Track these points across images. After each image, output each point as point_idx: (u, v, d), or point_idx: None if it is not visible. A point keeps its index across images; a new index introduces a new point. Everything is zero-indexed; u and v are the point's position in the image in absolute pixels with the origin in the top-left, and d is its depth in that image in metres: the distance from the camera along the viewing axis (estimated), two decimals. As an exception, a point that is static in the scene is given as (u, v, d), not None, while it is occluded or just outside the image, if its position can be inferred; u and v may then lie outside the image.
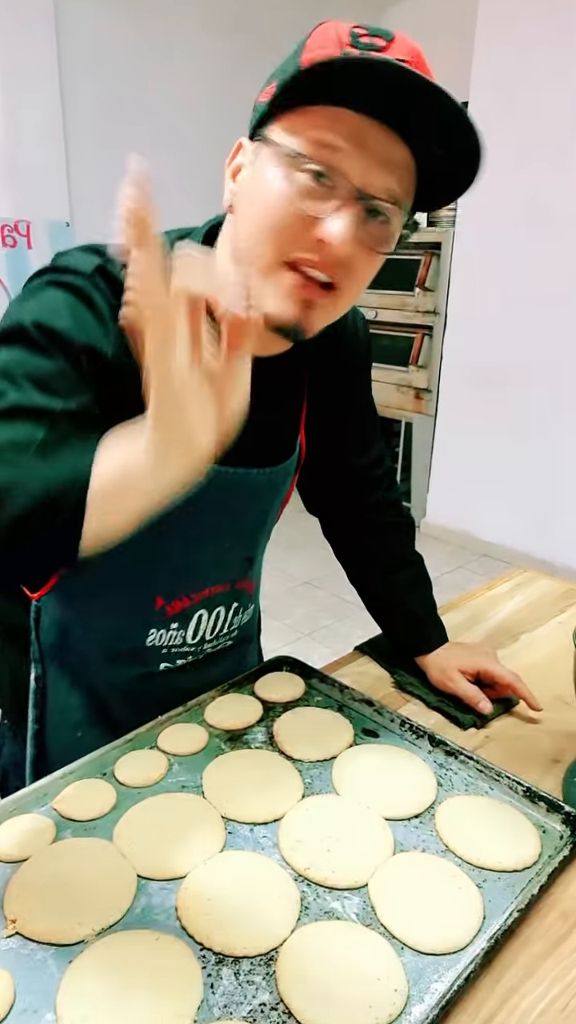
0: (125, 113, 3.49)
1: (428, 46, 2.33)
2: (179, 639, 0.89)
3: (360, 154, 0.62)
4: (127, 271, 0.58)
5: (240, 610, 0.94)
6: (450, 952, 0.59)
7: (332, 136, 0.61)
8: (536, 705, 0.93)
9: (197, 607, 0.88)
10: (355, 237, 0.64)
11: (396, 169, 0.63)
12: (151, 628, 0.86)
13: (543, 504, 3.42)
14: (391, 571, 1.04)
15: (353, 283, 0.68)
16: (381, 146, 0.62)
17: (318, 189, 0.63)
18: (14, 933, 0.59)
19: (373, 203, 0.64)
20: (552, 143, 3.07)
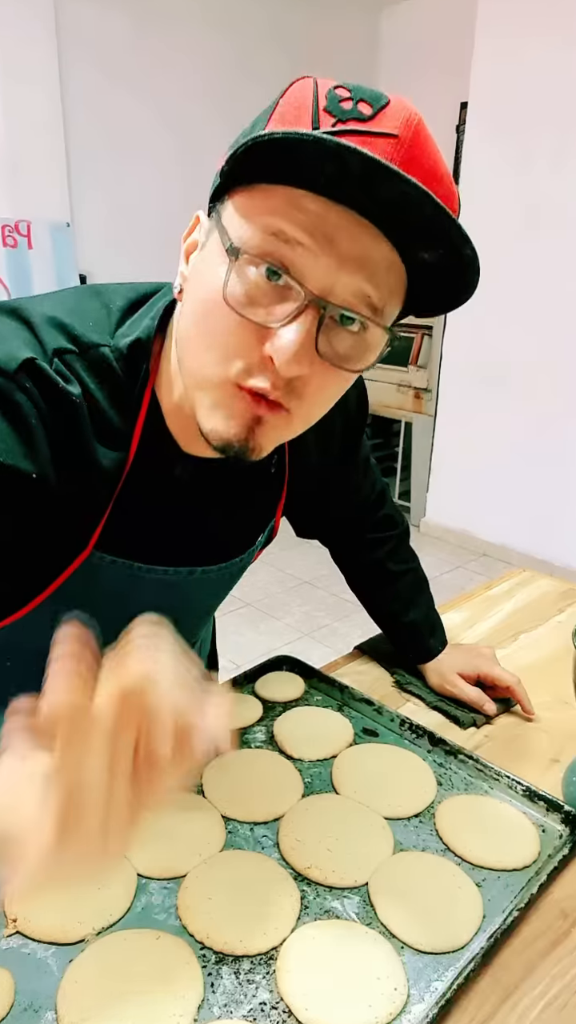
0: (125, 113, 3.49)
1: (428, 46, 2.36)
2: None
3: (323, 251, 0.50)
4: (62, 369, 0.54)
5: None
6: (450, 951, 0.59)
7: (289, 226, 0.50)
8: (531, 711, 0.93)
9: None
10: (309, 355, 0.51)
11: (372, 268, 0.51)
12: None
13: (543, 504, 3.42)
14: (387, 584, 1.02)
15: (309, 405, 0.56)
16: (351, 240, 0.50)
17: (271, 289, 0.51)
18: (14, 932, 0.59)
19: (342, 307, 0.51)
20: (552, 143, 3.07)
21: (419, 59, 3.95)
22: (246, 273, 0.51)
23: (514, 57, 3.13)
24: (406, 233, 0.50)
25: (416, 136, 0.49)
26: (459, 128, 3.79)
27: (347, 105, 0.49)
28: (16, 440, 0.54)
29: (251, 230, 0.51)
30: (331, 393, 0.58)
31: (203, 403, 0.55)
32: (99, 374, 0.58)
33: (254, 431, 0.55)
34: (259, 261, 0.51)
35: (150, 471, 0.63)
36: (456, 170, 3.60)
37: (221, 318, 0.52)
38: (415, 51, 3.99)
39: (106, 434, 0.59)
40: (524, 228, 3.23)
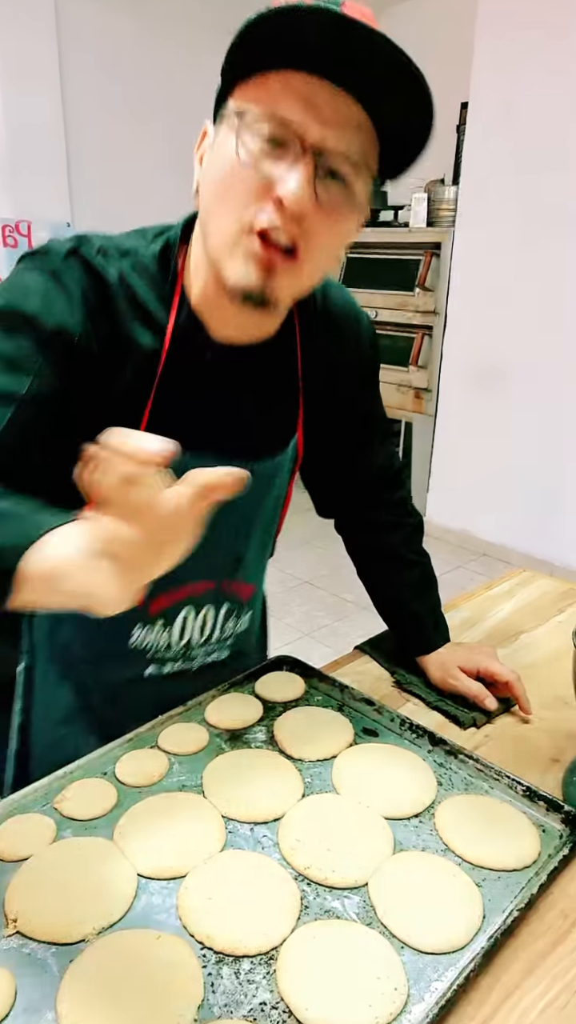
0: (126, 113, 3.50)
1: (428, 46, 2.34)
2: (164, 641, 0.87)
3: (313, 116, 0.61)
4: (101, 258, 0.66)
5: (231, 615, 0.92)
6: (450, 951, 0.59)
7: (284, 106, 0.61)
8: (528, 709, 0.93)
9: (182, 605, 0.86)
10: (312, 195, 0.62)
11: (351, 129, 0.62)
12: (135, 625, 0.84)
13: (543, 504, 3.42)
14: (398, 570, 1.04)
15: (314, 249, 0.66)
16: (333, 107, 0.61)
17: (273, 151, 0.62)
18: (14, 932, 0.59)
19: (330, 161, 0.62)
20: (552, 143, 3.07)
21: (419, 59, 3.93)
22: (250, 142, 0.62)
23: (514, 57, 3.13)
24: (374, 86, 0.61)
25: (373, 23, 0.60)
26: (459, 128, 3.79)
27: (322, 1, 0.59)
28: (63, 305, 0.66)
29: (254, 111, 0.62)
30: (331, 238, 0.67)
31: (225, 256, 0.66)
32: (136, 269, 0.71)
33: (270, 278, 0.65)
34: (262, 128, 0.62)
35: (185, 358, 0.73)
36: (456, 170, 3.61)
37: (236, 178, 0.63)
38: (415, 51, 3.92)
39: (143, 319, 0.71)
40: (524, 228, 3.23)
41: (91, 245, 0.70)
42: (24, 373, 0.64)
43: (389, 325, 3.80)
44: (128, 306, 0.70)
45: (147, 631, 0.85)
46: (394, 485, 1.05)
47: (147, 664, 0.88)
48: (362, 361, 0.93)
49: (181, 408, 0.74)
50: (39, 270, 0.68)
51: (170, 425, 0.68)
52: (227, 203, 0.65)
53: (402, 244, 3.73)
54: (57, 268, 0.67)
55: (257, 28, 0.59)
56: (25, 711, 0.89)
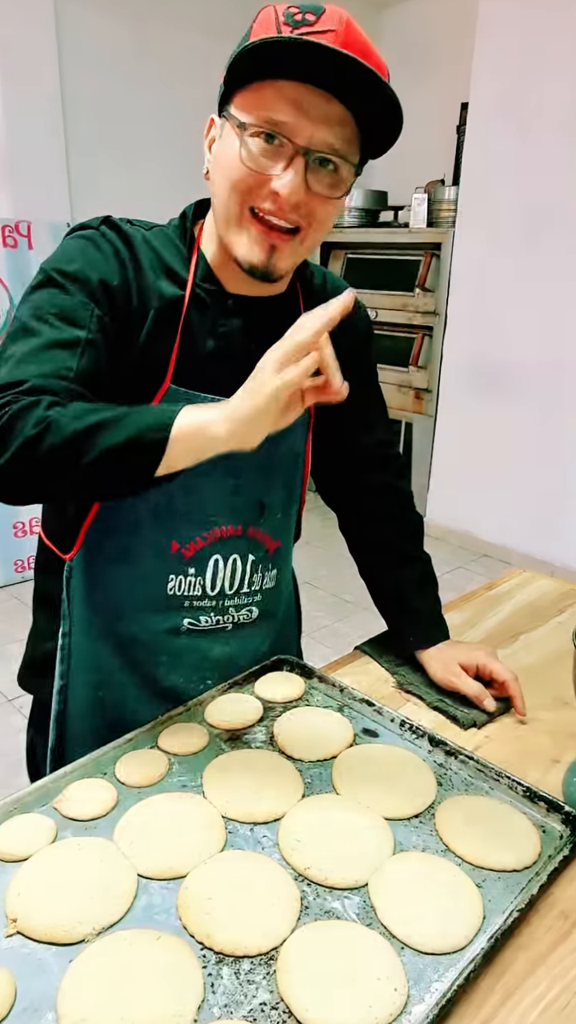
0: (125, 113, 3.49)
1: (428, 46, 2.35)
2: (198, 588, 0.91)
3: (302, 118, 0.72)
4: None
5: (259, 567, 0.95)
6: (450, 952, 0.59)
7: (277, 110, 0.72)
8: (523, 710, 0.93)
9: (211, 550, 0.90)
10: (304, 187, 0.74)
11: (335, 125, 0.74)
12: (169, 574, 0.89)
13: (543, 504, 3.42)
14: (399, 565, 1.05)
15: (313, 226, 0.79)
16: (319, 108, 0.72)
17: (269, 150, 0.74)
18: (14, 933, 0.59)
19: (318, 153, 0.74)
20: (552, 143, 3.07)
21: (419, 59, 3.95)
22: (251, 143, 0.74)
23: (514, 57, 3.13)
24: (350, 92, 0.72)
25: (348, 28, 0.71)
26: (459, 128, 3.79)
27: (298, 16, 0.71)
28: (101, 262, 0.79)
29: (251, 118, 0.74)
30: (327, 215, 0.79)
31: (233, 239, 0.79)
32: (158, 238, 0.85)
33: (272, 254, 0.78)
34: (260, 131, 0.74)
35: (204, 306, 0.85)
36: (456, 170, 3.61)
37: (240, 173, 0.75)
38: (415, 51, 3.99)
39: (167, 273, 0.83)
40: (524, 228, 3.23)
41: (122, 219, 0.84)
42: (83, 321, 0.75)
43: (389, 325, 3.80)
44: (153, 262, 0.82)
45: (181, 579, 0.90)
46: (395, 473, 1.08)
47: (184, 614, 0.92)
48: (357, 330, 0.98)
49: (202, 352, 0.85)
50: (80, 237, 0.80)
51: (194, 368, 0.84)
52: (234, 193, 0.76)
53: (402, 244, 3.73)
54: (92, 234, 0.80)
55: (251, 52, 0.70)
56: (65, 675, 0.92)
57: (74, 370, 0.72)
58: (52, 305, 0.75)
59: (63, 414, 0.65)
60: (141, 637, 0.92)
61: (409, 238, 3.68)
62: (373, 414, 1.05)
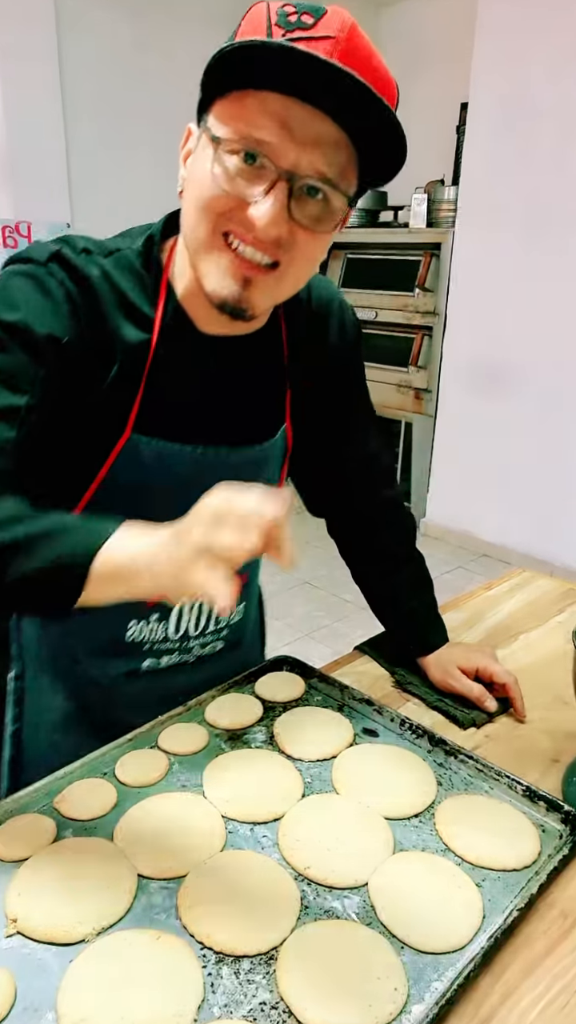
0: (125, 113, 3.49)
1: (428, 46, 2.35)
2: (161, 633, 0.86)
3: (287, 138, 0.62)
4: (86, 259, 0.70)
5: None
6: (450, 951, 0.59)
7: (259, 126, 0.62)
8: (523, 712, 0.93)
9: None
10: (285, 217, 0.64)
11: (327, 148, 0.63)
12: (131, 620, 0.84)
13: (543, 504, 3.42)
14: (392, 571, 1.04)
15: (296, 262, 0.68)
16: (307, 127, 0.62)
17: (248, 171, 0.64)
18: (14, 933, 0.59)
19: (306, 180, 0.64)
20: (552, 143, 3.07)
21: (419, 59, 3.95)
22: (228, 161, 0.64)
23: (514, 57, 3.13)
24: (346, 111, 0.62)
25: (351, 36, 0.61)
26: (459, 128, 3.79)
27: (293, 18, 0.61)
28: (50, 312, 0.67)
29: (229, 131, 0.64)
30: (312, 250, 0.69)
31: (203, 267, 0.69)
32: (120, 267, 0.73)
33: (245, 289, 0.68)
34: (238, 149, 0.63)
35: (173, 351, 0.75)
36: (456, 170, 3.61)
37: (212, 195, 0.65)
38: (415, 51, 3.99)
39: (129, 314, 0.73)
40: (524, 228, 3.23)
41: (74, 246, 0.71)
42: (25, 385, 0.66)
43: (389, 325, 3.80)
44: (114, 303, 0.71)
45: (142, 625, 0.85)
46: (385, 481, 1.04)
47: (144, 657, 0.88)
48: (344, 346, 0.93)
49: (170, 399, 0.76)
50: (23, 276, 0.69)
51: (160, 416, 0.76)
52: (205, 217, 0.67)
53: (402, 244, 3.73)
54: (40, 274, 0.69)
55: (230, 56, 0.60)
56: (18, 719, 0.88)
57: (12, 441, 0.64)
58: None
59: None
60: (98, 681, 0.88)
61: (409, 238, 3.68)
62: (362, 423, 1.00)
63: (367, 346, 1.01)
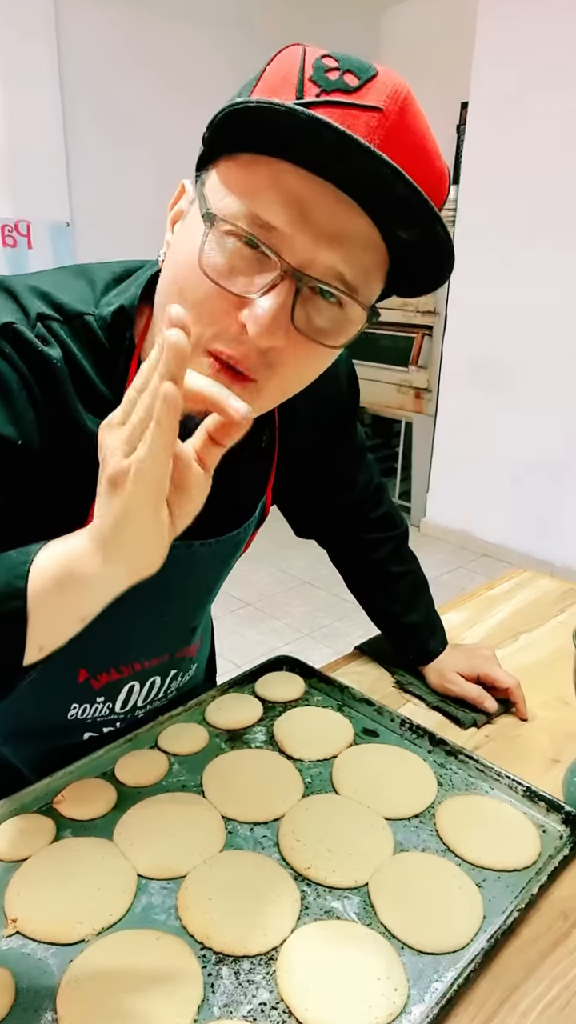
0: (125, 113, 3.49)
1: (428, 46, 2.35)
2: (105, 711, 0.82)
3: (303, 227, 0.50)
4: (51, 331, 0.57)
5: (180, 675, 0.88)
6: (450, 951, 0.59)
7: (270, 209, 0.50)
8: (525, 714, 0.93)
9: (127, 680, 0.81)
10: (285, 325, 0.51)
11: (350, 245, 0.51)
12: (72, 702, 0.79)
13: (543, 504, 3.42)
14: (387, 585, 1.01)
15: (278, 380, 0.55)
16: (330, 216, 0.50)
17: (248, 258, 0.51)
18: (14, 933, 0.59)
19: (319, 281, 0.51)
20: (552, 143, 3.07)
21: (419, 59, 3.95)
22: (224, 242, 0.51)
23: (514, 57, 3.12)
24: (384, 210, 0.50)
25: (403, 111, 0.49)
26: (459, 128, 3.79)
27: (333, 76, 0.48)
28: (4, 413, 0.55)
29: (230, 207, 0.51)
30: (307, 368, 0.57)
31: None
32: (83, 341, 0.59)
33: None
34: (238, 232, 0.51)
35: None
36: (456, 170, 3.60)
37: (196, 285, 0.52)
38: (415, 51, 3.99)
39: (93, 401, 0.59)
40: (525, 228, 3.23)
41: (28, 315, 0.58)
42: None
43: (389, 325, 3.80)
44: (75, 388, 0.59)
45: (86, 706, 0.80)
46: (375, 503, 0.99)
47: (84, 731, 0.84)
48: (341, 405, 0.86)
49: None
50: None
51: None
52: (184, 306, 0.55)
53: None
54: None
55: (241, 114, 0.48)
56: None
57: None
58: None
59: None
60: (31, 756, 0.83)
61: (409, 238, 3.68)
62: (357, 469, 0.94)
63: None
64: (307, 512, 0.98)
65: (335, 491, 0.95)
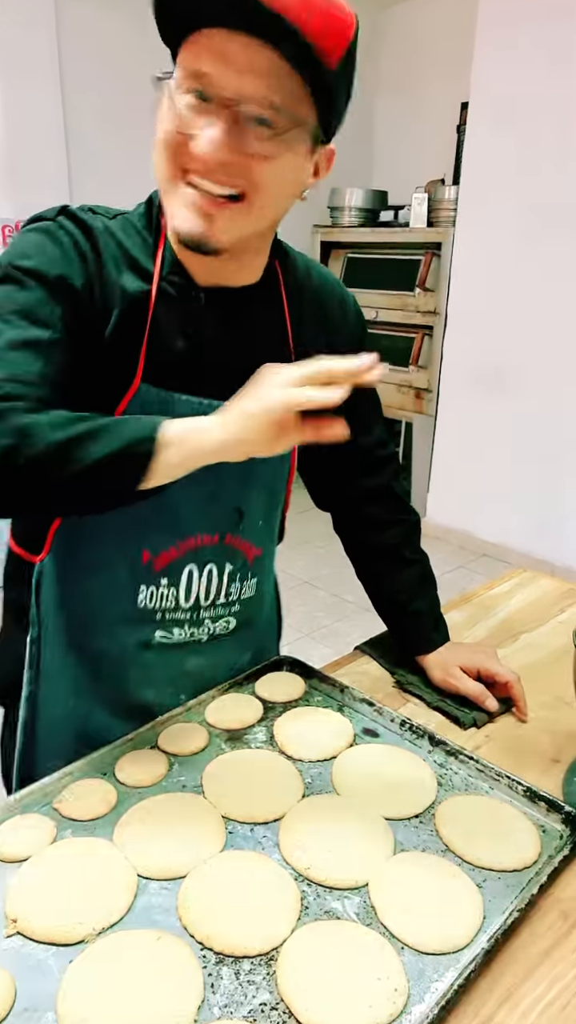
0: (125, 113, 3.49)
1: (428, 46, 2.36)
2: (171, 600, 0.87)
3: (227, 67, 0.65)
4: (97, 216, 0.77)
5: (237, 576, 0.91)
6: (450, 952, 0.59)
7: (201, 61, 0.65)
8: (525, 712, 0.93)
9: (185, 560, 0.86)
10: (226, 142, 0.66)
11: (268, 76, 0.65)
12: (140, 585, 0.85)
13: (543, 504, 3.42)
14: (397, 569, 1.04)
15: (259, 192, 0.70)
16: (244, 55, 0.64)
17: (199, 107, 0.67)
18: (14, 933, 0.59)
19: (252, 109, 0.66)
20: (552, 143, 3.07)
21: (419, 59, 3.95)
22: (180, 101, 0.67)
23: (514, 57, 3.12)
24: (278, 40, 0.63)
25: None
26: (459, 128, 3.79)
27: None
28: (64, 260, 0.72)
29: (180, 74, 0.67)
30: (271, 179, 0.70)
31: (169, 206, 0.72)
32: (122, 227, 0.78)
33: (209, 223, 0.70)
34: (187, 86, 0.67)
35: (172, 301, 0.78)
36: (456, 170, 3.61)
37: (167, 133, 0.69)
38: (415, 51, 3.99)
39: (131, 266, 0.76)
40: (525, 228, 3.23)
41: (82, 206, 0.77)
42: (45, 319, 0.69)
43: (389, 325, 3.80)
44: (116, 255, 0.76)
45: (152, 590, 0.86)
46: (392, 475, 1.04)
47: (156, 627, 0.88)
48: (350, 330, 0.95)
49: (174, 350, 0.79)
50: (35, 231, 0.74)
51: (165, 367, 0.78)
52: (164, 155, 0.70)
53: (402, 244, 3.73)
54: (49, 227, 0.74)
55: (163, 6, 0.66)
56: (33, 681, 0.89)
57: (42, 373, 0.67)
58: (11, 302, 0.69)
59: (40, 423, 0.61)
60: (109, 651, 0.88)
61: (409, 238, 3.68)
62: (369, 414, 1.01)
63: (367, 346, 1.00)
64: (329, 464, 1.00)
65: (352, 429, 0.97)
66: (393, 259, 3.77)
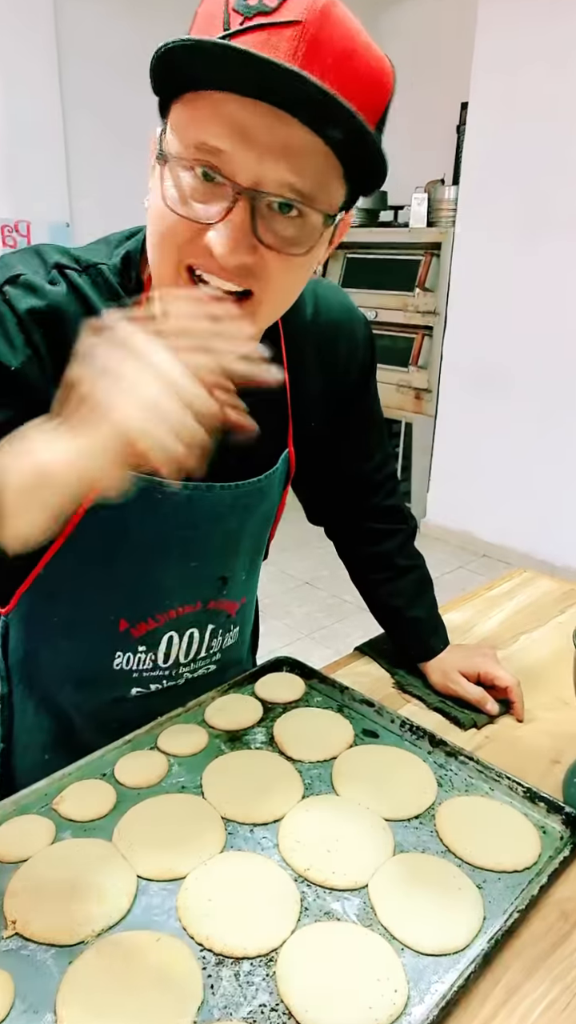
0: (125, 113, 3.49)
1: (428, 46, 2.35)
2: (149, 663, 0.85)
3: (246, 148, 0.53)
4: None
5: (219, 632, 0.90)
6: (450, 953, 0.59)
7: (213, 134, 0.54)
8: (521, 716, 0.92)
9: (164, 629, 0.84)
10: (249, 242, 0.56)
11: (295, 156, 0.54)
12: (116, 651, 0.83)
13: (543, 504, 3.42)
14: (393, 579, 1.02)
15: (271, 291, 0.60)
16: (271, 133, 0.53)
17: (205, 189, 0.56)
18: (14, 933, 0.59)
19: (273, 195, 0.55)
20: (552, 143, 3.07)
21: (419, 59, 3.95)
22: (183, 179, 0.56)
23: (514, 57, 3.12)
24: (314, 117, 0.53)
25: (323, 18, 0.51)
26: (459, 128, 3.79)
27: (253, 1, 0.51)
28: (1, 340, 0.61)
29: (181, 144, 0.56)
30: (288, 277, 0.61)
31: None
32: (96, 285, 0.66)
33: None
34: (191, 165, 0.55)
35: None
36: (456, 170, 3.61)
37: (162, 218, 0.58)
38: (415, 51, 3.99)
39: None
40: (524, 229, 3.23)
41: (47, 265, 0.65)
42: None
43: (389, 325, 3.80)
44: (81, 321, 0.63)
45: (129, 655, 0.84)
46: (388, 490, 1.02)
47: (132, 685, 0.86)
48: (358, 365, 0.89)
49: None
50: None
51: None
52: (165, 250, 0.60)
53: (402, 244, 3.73)
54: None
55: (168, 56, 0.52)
56: (5, 738, 0.87)
57: None
58: None
59: None
60: (84, 706, 0.86)
61: (409, 238, 3.68)
62: (373, 441, 0.97)
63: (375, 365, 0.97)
64: (323, 484, 0.98)
65: (352, 460, 0.95)
66: (393, 259, 3.77)
